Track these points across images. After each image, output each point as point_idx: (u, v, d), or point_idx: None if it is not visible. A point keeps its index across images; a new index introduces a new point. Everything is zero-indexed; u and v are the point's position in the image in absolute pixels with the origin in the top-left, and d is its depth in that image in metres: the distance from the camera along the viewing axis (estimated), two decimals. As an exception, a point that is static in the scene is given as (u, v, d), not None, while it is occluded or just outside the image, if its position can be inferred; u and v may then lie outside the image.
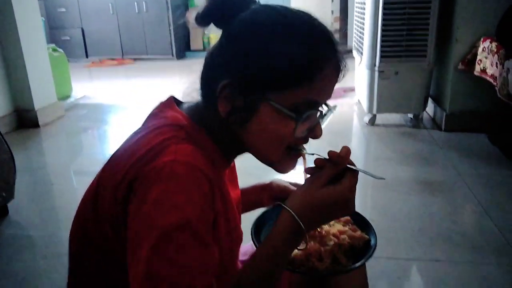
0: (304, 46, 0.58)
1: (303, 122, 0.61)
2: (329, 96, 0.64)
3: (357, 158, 2.60)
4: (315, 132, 0.65)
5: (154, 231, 0.53)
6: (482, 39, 2.47)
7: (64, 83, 3.75)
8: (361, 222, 0.78)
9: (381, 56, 2.69)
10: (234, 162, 0.82)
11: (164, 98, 0.70)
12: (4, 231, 1.77)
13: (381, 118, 2.94)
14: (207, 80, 0.65)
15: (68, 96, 3.79)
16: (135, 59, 6.09)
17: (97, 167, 0.67)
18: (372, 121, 2.90)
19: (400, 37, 2.64)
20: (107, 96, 4.14)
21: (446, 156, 2.37)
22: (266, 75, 0.58)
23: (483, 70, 2.40)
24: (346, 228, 0.77)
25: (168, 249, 0.53)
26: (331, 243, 0.72)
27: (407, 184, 2.07)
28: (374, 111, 2.85)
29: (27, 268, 1.52)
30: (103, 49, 6.11)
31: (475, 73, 2.47)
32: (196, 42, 6.41)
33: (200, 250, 0.55)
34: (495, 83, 2.26)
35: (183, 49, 6.31)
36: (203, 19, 0.63)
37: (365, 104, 2.95)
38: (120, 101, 3.96)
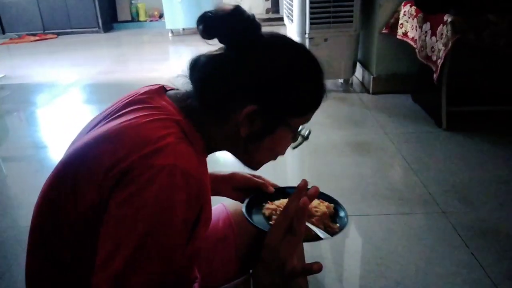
0: (319, 82, 0.70)
1: (294, 138, 0.74)
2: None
3: (293, 125, 2.69)
4: (292, 146, 0.78)
5: (135, 237, 0.55)
6: (403, 4, 2.59)
7: (-21, 62, 3.46)
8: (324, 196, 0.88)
9: (311, 24, 2.75)
10: None
11: (153, 84, 0.73)
12: None
13: (314, 84, 3.02)
14: (218, 92, 0.66)
15: (-15, 77, 3.52)
16: (58, 34, 5.72)
17: (28, 151, 0.65)
18: (305, 88, 2.98)
19: (327, 4, 2.71)
20: (30, 75, 3.89)
21: (374, 117, 2.52)
22: (292, 106, 0.67)
23: (405, 34, 2.54)
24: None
25: (144, 257, 0.56)
26: (318, 213, 0.79)
27: (339, 146, 2.19)
28: (307, 78, 2.93)
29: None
30: (21, 24, 5.68)
31: (398, 36, 2.61)
32: (123, 13, 6.14)
33: (172, 259, 0.59)
34: (415, 46, 2.41)
35: (109, 21, 6.01)
36: (206, 34, 0.65)
37: (298, 71, 3.02)
38: (45, 79, 3.73)
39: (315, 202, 0.85)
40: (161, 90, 0.71)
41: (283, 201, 0.83)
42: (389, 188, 1.79)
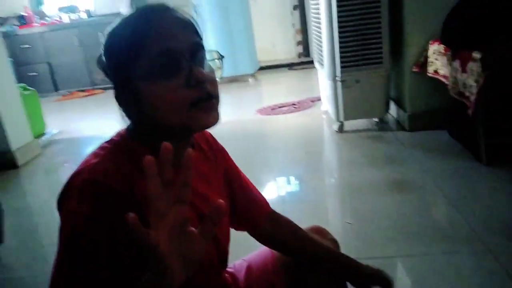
0: (127, 27, 0.69)
1: (171, 73, 0.65)
2: (179, 41, 0.66)
3: (331, 164, 2.75)
4: (194, 76, 0.66)
5: (62, 239, 0.64)
6: (431, 42, 2.66)
7: (38, 120, 3.77)
8: None
9: (341, 67, 2.85)
10: (219, 155, 0.90)
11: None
12: (-3, 276, 1.81)
13: (349, 124, 3.09)
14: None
15: (43, 133, 3.81)
16: (104, 89, 6.12)
17: None
18: (340, 128, 3.05)
19: (356, 47, 2.81)
20: (81, 129, 4.18)
21: (411, 155, 2.54)
22: (117, 62, 0.69)
23: (436, 71, 2.59)
24: None
25: (66, 263, 0.63)
26: None
27: (378, 185, 2.22)
28: (341, 119, 3.01)
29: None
30: (72, 81, 6.12)
31: (429, 74, 2.66)
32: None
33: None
34: (447, 82, 2.44)
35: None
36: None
37: (332, 113, 3.11)
38: (94, 132, 3.99)
39: None
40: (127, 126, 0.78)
41: None
42: (432, 226, 1.79)
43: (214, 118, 0.69)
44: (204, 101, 0.67)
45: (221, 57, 0.75)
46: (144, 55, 0.65)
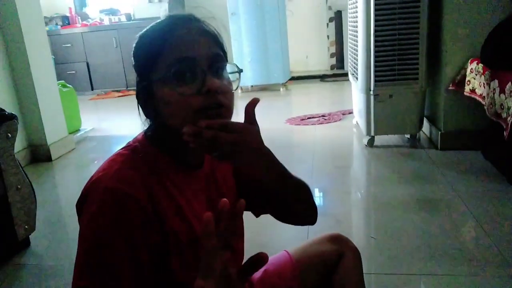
0: (152, 33, 0.74)
1: (183, 79, 0.68)
2: (197, 51, 0.70)
3: (358, 179, 2.72)
4: (207, 85, 0.68)
5: (80, 237, 0.67)
6: (470, 61, 2.61)
7: (74, 117, 3.90)
8: None
9: (375, 81, 2.83)
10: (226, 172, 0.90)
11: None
12: (27, 261, 1.88)
13: (379, 139, 3.06)
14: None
15: (78, 130, 3.94)
16: (139, 90, 6.28)
17: None
18: (370, 143, 3.02)
19: (392, 62, 2.79)
20: (113, 128, 4.30)
21: (442, 174, 2.48)
22: (141, 63, 0.74)
23: (473, 90, 2.54)
24: None
25: (90, 264, 0.65)
26: None
27: (406, 202, 2.18)
28: (372, 133, 2.98)
29: (52, 296, 1.63)
30: (108, 81, 6.32)
31: (465, 93, 2.60)
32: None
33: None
34: (484, 102, 2.39)
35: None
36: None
37: (363, 127, 3.08)
38: (126, 131, 4.10)
39: None
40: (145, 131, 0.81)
41: None
42: (459, 248, 1.75)
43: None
44: (211, 110, 0.68)
45: (239, 71, 0.77)
46: (162, 60, 0.70)
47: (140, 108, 0.77)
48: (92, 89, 6.38)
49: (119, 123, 4.47)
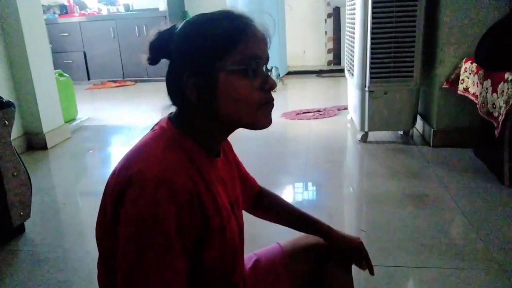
0: (224, 24, 0.73)
1: (255, 75, 0.73)
2: (262, 51, 0.75)
3: (351, 173, 2.75)
4: (269, 83, 0.75)
5: (129, 227, 0.65)
6: (464, 60, 2.64)
7: (70, 106, 3.90)
8: None
9: (371, 77, 2.86)
10: (231, 149, 0.96)
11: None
12: (22, 247, 1.90)
13: (373, 135, 3.09)
14: (174, 91, 0.78)
15: (73, 119, 3.94)
16: (135, 81, 6.27)
17: (101, 187, 0.77)
18: (364, 138, 3.05)
19: (388, 59, 2.82)
20: (110, 118, 4.31)
21: (434, 170, 2.52)
22: (207, 51, 0.72)
23: (466, 89, 2.57)
24: None
25: (141, 268, 0.64)
26: None
27: (397, 197, 2.22)
28: (366, 129, 3.01)
29: (47, 281, 1.65)
30: (104, 71, 6.31)
31: (459, 92, 2.64)
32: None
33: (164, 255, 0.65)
34: (476, 101, 2.43)
35: (182, 70, 6.49)
36: (153, 62, 0.80)
37: (357, 122, 3.11)
38: (123, 122, 4.12)
39: None
40: (166, 117, 0.81)
41: None
42: (446, 242, 1.79)
43: (270, 121, 0.78)
44: (268, 104, 0.76)
45: (278, 75, 0.82)
46: (236, 52, 0.72)
47: (174, 97, 0.78)
48: (89, 78, 6.37)
49: (115, 114, 4.48)
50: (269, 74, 0.77)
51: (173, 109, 0.81)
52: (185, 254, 0.68)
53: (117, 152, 3.35)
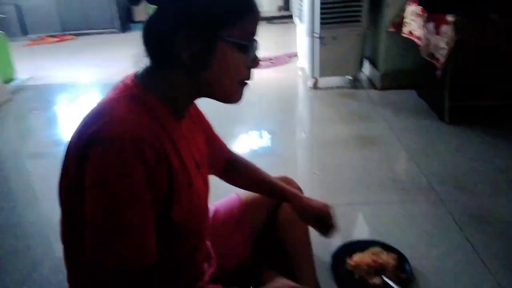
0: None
1: (252, 52, 0.74)
2: (256, 32, 0.75)
3: (303, 120, 2.82)
4: (256, 61, 0.77)
5: (96, 189, 0.63)
6: (408, 3, 2.69)
7: (6, 65, 3.65)
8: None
9: (320, 23, 2.86)
10: (200, 115, 0.96)
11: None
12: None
13: (323, 81, 3.15)
14: (155, 42, 0.73)
15: (12, 79, 3.70)
16: (76, 35, 5.92)
17: (50, 149, 0.74)
18: (315, 85, 3.10)
19: (336, 5, 2.82)
20: (52, 76, 4.08)
21: (380, 112, 2.63)
22: (213, 16, 0.69)
23: (411, 32, 2.64)
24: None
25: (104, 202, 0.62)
26: (390, 266, 1.28)
27: (346, 140, 2.31)
28: (316, 75, 3.05)
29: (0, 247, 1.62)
30: (42, 25, 5.89)
31: (403, 34, 2.71)
32: (139, 13, 6.29)
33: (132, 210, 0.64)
34: (420, 44, 2.50)
35: (126, 21, 6.18)
36: (134, 2, 0.77)
37: (307, 69, 3.14)
38: (66, 79, 3.91)
39: (383, 254, 1.32)
40: (131, 74, 0.77)
41: (360, 256, 1.33)
42: (392, 179, 1.91)
43: (241, 99, 0.80)
44: (247, 83, 0.78)
45: None
46: (240, 26, 0.71)
47: (153, 43, 0.73)
48: (25, 34, 5.94)
49: (58, 71, 4.24)
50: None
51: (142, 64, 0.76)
52: (154, 211, 0.67)
53: (64, 111, 3.22)
